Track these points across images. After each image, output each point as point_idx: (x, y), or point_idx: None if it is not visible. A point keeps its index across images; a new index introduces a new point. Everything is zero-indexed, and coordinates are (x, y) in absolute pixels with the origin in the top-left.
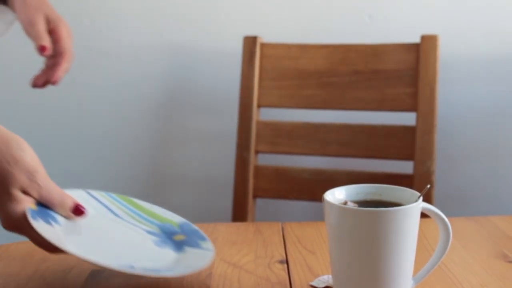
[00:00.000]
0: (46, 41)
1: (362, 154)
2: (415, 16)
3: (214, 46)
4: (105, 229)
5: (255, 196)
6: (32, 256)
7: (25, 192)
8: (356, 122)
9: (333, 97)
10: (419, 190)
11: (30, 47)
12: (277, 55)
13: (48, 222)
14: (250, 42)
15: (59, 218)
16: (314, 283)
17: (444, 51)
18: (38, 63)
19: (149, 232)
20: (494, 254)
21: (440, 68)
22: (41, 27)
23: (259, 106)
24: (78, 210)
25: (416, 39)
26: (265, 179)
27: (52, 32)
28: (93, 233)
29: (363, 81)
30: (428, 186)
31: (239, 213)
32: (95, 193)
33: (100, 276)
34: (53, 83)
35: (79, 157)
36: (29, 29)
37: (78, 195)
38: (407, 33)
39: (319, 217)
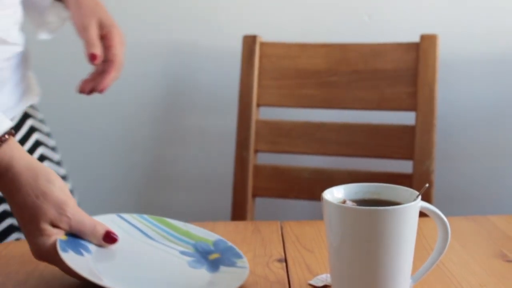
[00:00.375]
0: (97, 49)
1: (361, 154)
2: (415, 15)
3: (213, 45)
4: (138, 253)
5: (254, 195)
6: (31, 254)
7: (55, 225)
8: (356, 121)
9: (332, 96)
10: (418, 190)
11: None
12: (277, 54)
13: (78, 253)
14: (249, 41)
15: (90, 246)
16: (312, 282)
17: (443, 51)
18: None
19: (183, 253)
20: (493, 254)
21: (439, 68)
22: (94, 33)
23: (258, 105)
24: (109, 238)
25: (416, 39)
26: (265, 178)
27: (104, 38)
28: (125, 258)
29: (362, 81)
30: (427, 185)
31: (238, 212)
32: (127, 216)
33: None
34: (100, 91)
35: (78, 156)
36: (82, 34)
37: (109, 220)
38: (407, 33)
39: (319, 216)
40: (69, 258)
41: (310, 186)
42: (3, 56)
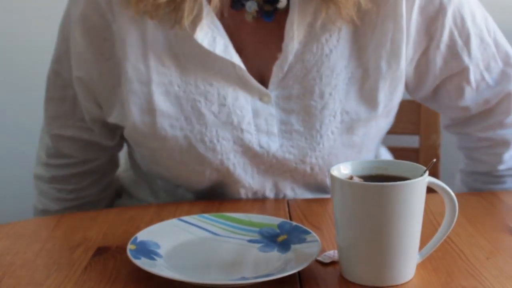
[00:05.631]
0: None
1: None
2: None
3: None
4: (208, 250)
5: None
6: (38, 234)
7: None
8: None
9: None
10: (425, 164)
11: None
12: None
13: (151, 258)
14: None
15: (160, 251)
16: (320, 258)
17: None
18: None
19: (252, 241)
20: (500, 228)
21: None
22: None
23: None
24: None
25: None
26: None
27: None
28: (197, 257)
29: None
30: (434, 160)
31: None
32: (187, 218)
33: (107, 253)
34: None
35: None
36: None
37: (172, 224)
38: None
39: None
40: (144, 264)
41: None
42: None
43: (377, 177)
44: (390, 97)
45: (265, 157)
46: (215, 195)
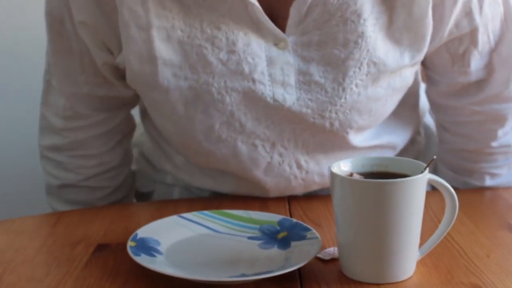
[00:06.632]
0: None
1: None
2: None
3: None
4: (208, 247)
5: None
6: (39, 230)
7: None
8: None
9: None
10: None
11: None
12: None
13: (151, 255)
14: None
15: (160, 248)
16: (320, 255)
17: None
18: None
19: (252, 238)
20: (500, 225)
21: None
22: None
23: None
24: None
25: None
26: None
27: None
28: (197, 253)
29: None
30: (435, 157)
31: None
32: (187, 215)
33: (107, 250)
34: None
35: None
36: None
37: (172, 221)
38: None
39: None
40: (144, 260)
41: None
42: None
43: (378, 174)
44: (416, 47)
45: (279, 110)
46: (227, 156)
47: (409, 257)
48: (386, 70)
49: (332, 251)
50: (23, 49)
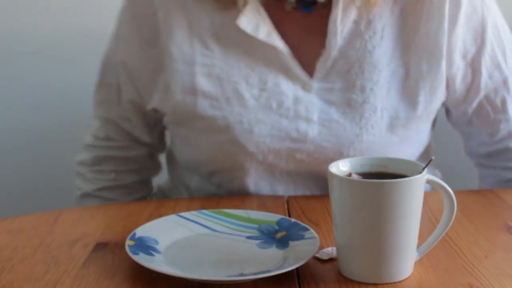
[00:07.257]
0: None
1: None
2: None
3: None
4: (207, 246)
5: None
6: (37, 229)
7: None
8: None
9: None
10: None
11: None
12: None
13: (149, 254)
14: None
15: (158, 247)
16: (318, 255)
17: None
18: None
19: (250, 238)
20: (498, 226)
21: None
22: None
23: None
24: None
25: None
26: None
27: None
28: (195, 252)
29: None
30: (433, 157)
31: None
32: (186, 214)
33: (105, 249)
34: None
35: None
36: None
37: (171, 220)
38: None
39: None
40: (142, 259)
41: None
42: None
43: (376, 175)
44: (430, 99)
45: (302, 142)
46: (245, 186)
47: (407, 257)
48: (398, 117)
49: (330, 251)
50: (23, 49)
